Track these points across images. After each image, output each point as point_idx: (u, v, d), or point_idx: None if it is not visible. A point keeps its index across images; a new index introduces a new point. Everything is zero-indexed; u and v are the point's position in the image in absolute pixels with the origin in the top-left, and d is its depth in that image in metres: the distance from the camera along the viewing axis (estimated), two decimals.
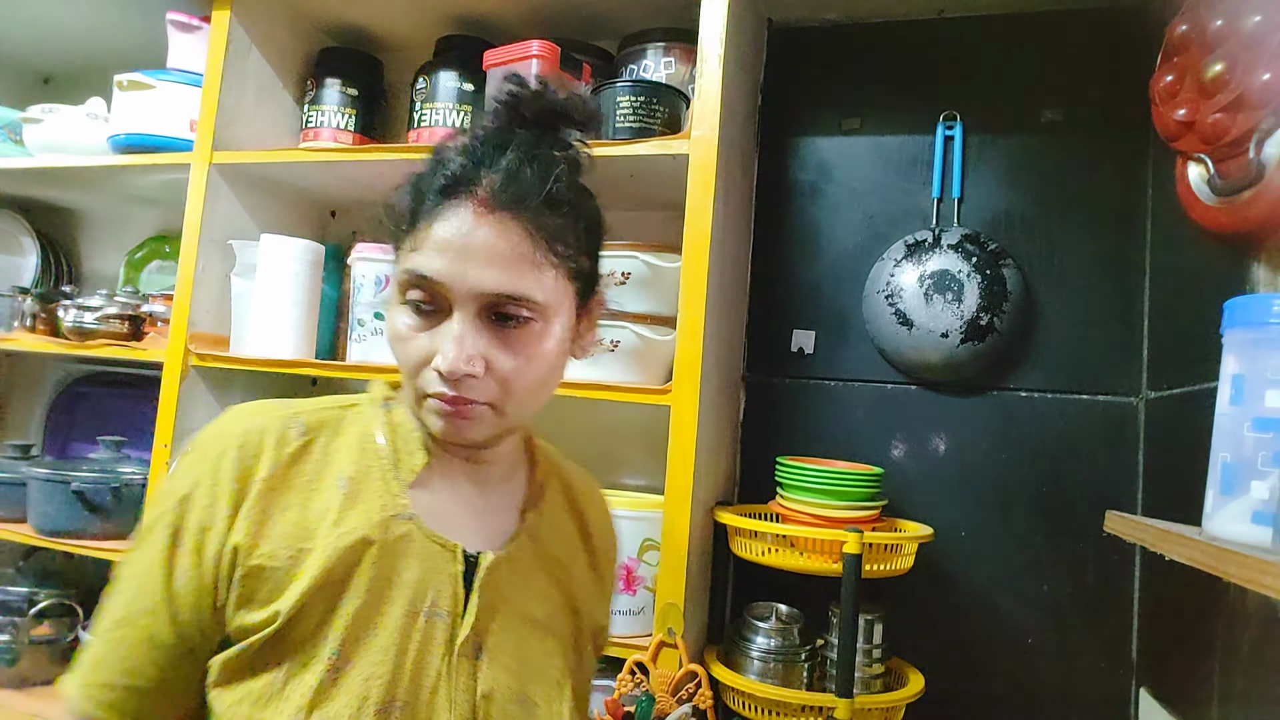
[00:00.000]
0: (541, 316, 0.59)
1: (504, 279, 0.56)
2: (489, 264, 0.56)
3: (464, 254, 0.56)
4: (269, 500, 0.59)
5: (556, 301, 0.59)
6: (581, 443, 1.47)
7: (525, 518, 0.67)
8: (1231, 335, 0.67)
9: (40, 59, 1.97)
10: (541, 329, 0.59)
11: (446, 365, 0.56)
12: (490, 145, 0.59)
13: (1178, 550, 0.67)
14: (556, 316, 0.60)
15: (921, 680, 1.11)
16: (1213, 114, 0.84)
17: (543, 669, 0.63)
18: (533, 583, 0.65)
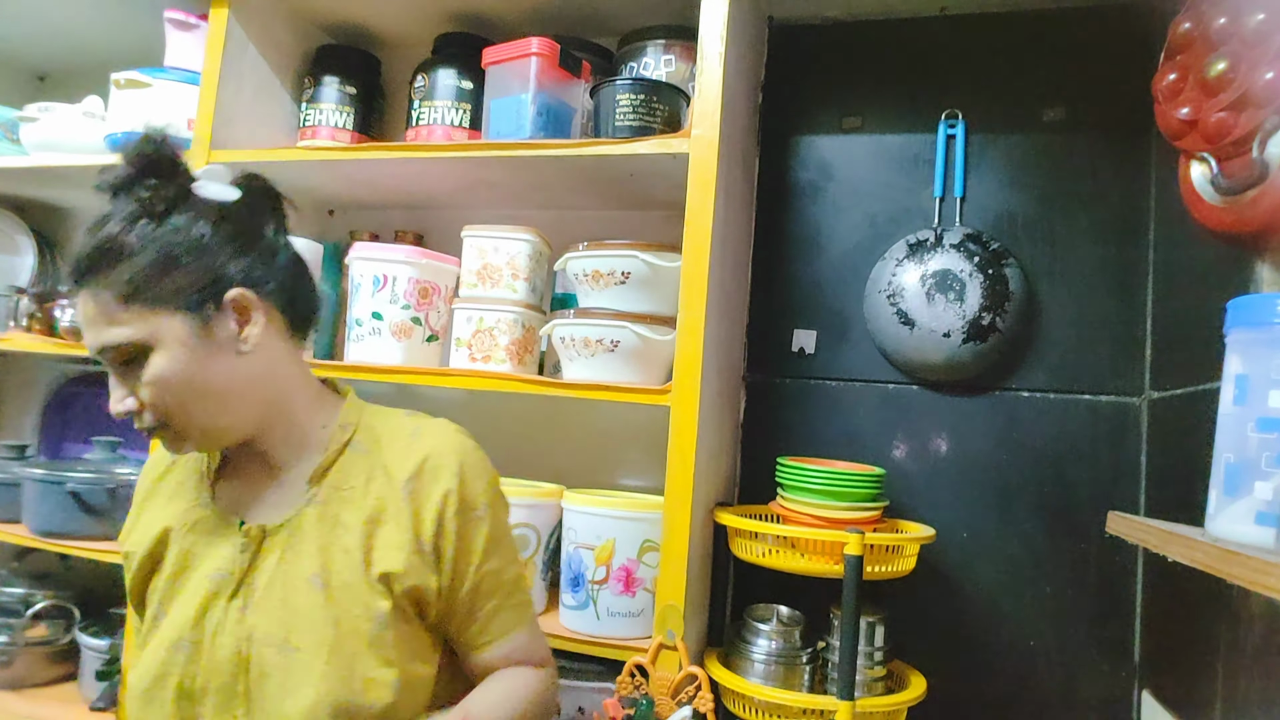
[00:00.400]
0: (145, 351, 0.72)
1: (96, 339, 0.72)
2: (90, 328, 0.72)
3: (84, 329, 0.73)
4: (142, 507, 0.85)
5: (152, 332, 0.71)
6: (581, 443, 1.47)
7: (310, 488, 0.78)
8: (1235, 335, 0.67)
9: (37, 57, 1.96)
10: (156, 357, 0.72)
11: (112, 410, 0.74)
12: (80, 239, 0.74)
13: (1180, 551, 0.67)
14: (163, 344, 0.72)
15: (923, 683, 1.10)
16: (1216, 113, 0.83)
17: (311, 619, 0.73)
18: (311, 543, 0.76)
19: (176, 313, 0.72)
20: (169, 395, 0.72)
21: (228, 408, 0.75)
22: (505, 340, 1.24)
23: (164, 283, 0.71)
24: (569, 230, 1.41)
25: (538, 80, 1.21)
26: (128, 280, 0.71)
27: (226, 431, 0.76)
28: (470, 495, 0.79)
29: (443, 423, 0.85)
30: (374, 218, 1.67)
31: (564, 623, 1.16)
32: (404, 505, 0.77)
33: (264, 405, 0.77)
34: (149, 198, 0.73)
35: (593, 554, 1.13)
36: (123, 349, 0.71)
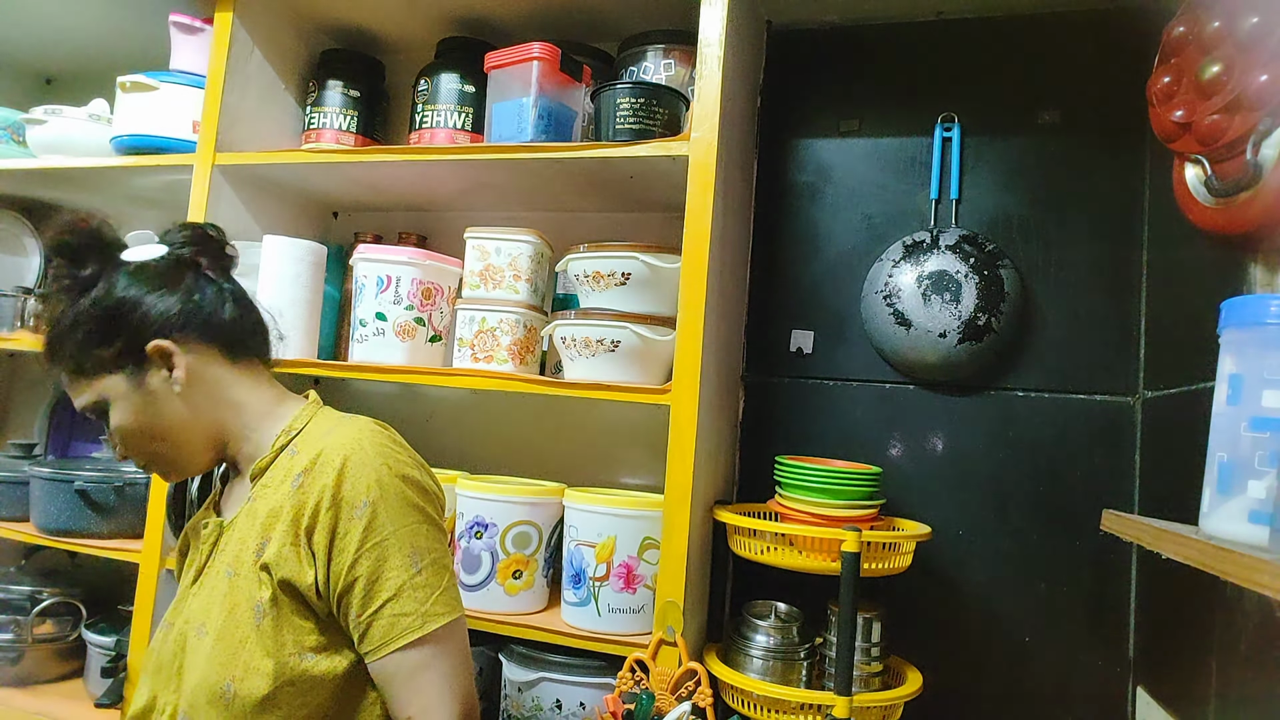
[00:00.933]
0: (102, 408, 0.83)
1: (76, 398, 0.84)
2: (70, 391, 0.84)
3: None
4: None
5: (101, 392, 0.82)
6: (582, 442, 1.48)
7: (253, 486, 0.84)
8: (1228, 335, 0.68)
9: (43, 60, 1.97)
10: (111, 414, 0.83)
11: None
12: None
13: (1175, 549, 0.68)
14: (116, 400, 0.82)
15: (920, 678, 1.11)
16: (1210, 115, 0.84)
17: (220, 605, 0.79)
18: (240, 537, 0.82)
19: (112, 374, 0.82)
20: (132, 441, 0.83)
21: (184, 440, 0.84)
22: (507, 340, 1.25)
23: (93, 353, 0.81)
24: (570, 232, 1.42)
25: (539, 84, 1.23)
26: (70, 357, 0.82)
27: (193, 459, 0.86)
28: (349, 491, 0.76)
29: (358, 421, 0.84)
30: (377, 219, 1.68)
31: (565, 619, 1.17)
32: (290, 499, 0.78)
33: (219, 427, 0.85)
34: (69, 283, 0.83)
35: (594, 551, 1.14)
36: (91, 409, 0.83)
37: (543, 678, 1.15)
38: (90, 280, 0.83)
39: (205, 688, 0.75)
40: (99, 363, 0.81)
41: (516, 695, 1.17)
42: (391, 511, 0.77)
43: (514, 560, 1.19)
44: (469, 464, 1.44)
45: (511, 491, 1.21)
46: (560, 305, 1.43)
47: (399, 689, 0.76)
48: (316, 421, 0.86)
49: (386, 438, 0.82)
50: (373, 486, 0.77)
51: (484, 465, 1.45)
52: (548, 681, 1.15)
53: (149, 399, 0.82)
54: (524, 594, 1.20)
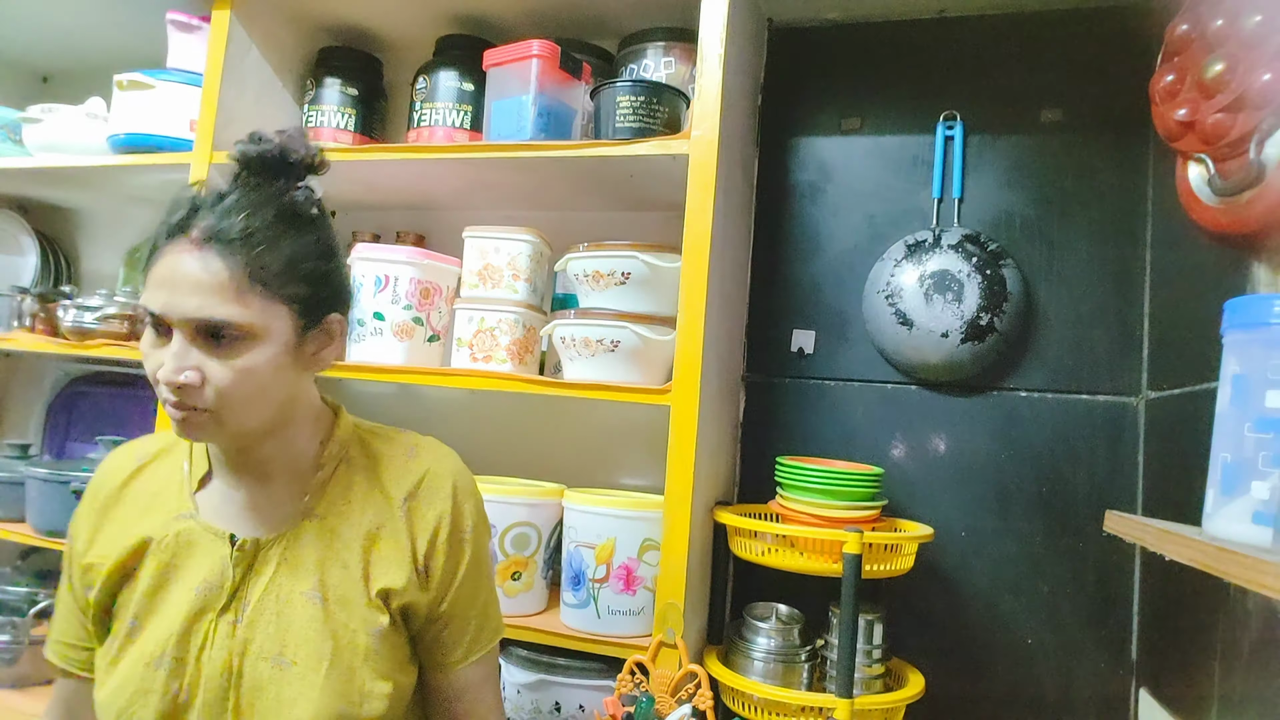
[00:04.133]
0: (249, 336, 0.69)
1: (205, 305, 0.68)
2: (193, 293, 0.68)
3: (174, 285, 0.69)
4: (104, 516, 0.80)
5: (264, 323, 0.70)
6: (582, 442, 1.47)
7: (306, 501, 0.78)
8: (1232, 335, 0.67)
9: (39, 58, 1.97)
10: (249, 346, 0.70)
11: (165, 376, 0.68)
12: (212, 194, 0.73)
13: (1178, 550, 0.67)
14: (266, 336, 0.70)
15: (921, 681, 1.11)
16: (1213, 114, 0.84)
17: (305, 634, 0.73)
18: (307, 557, 0.75)
19: (293, 315, 0.72)
20: (246, 388, 0.70)
21: (271, 412, 0.74)
22: (506, 340, 1.24)
23: (298, 284, 0.72)
24: (569, 231, 1.41)
25: (538, 82, 1.22)
26: (271, 266, 0.70)
27: (254, 433, 0.75)
28: (461, 517, 0.81)
29: (435, 442, 0.86)
30: (375, 218, 1.67)
31: (565, 621, 1.16)
32: (401, 523, 0.78)
33: (286, 418, 0.77)
34: (303, 201, 0.75)
35: (593, 553, 1.13)
36: (226, 326, 0.68)
37: (542, 680, 1.14)
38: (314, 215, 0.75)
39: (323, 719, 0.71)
40: (289, 294, 0.71)
41: (516, 697, 1.16)
42: (485, 535, 0.84)
43: (513, 562, 1.18)
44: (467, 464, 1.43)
45: (510, 492, 1.20)
46: (559, 305, 1.42)
47: (472, 694, 0.82)
48: (374, 436, 0.83)
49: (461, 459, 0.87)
50: (475, 511, 0.83)
51: (482, 466, 1.44)
52: (547, 684, 1.14)
53: (293, 358, 0.73)
54: (523, 596, 1.19)
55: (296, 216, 0.74)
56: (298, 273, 0.72)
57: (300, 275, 0.72)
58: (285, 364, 0.72)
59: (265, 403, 0.72)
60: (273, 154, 0.74)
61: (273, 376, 0.71)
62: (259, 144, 0.74)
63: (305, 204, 0.75)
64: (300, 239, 0.73)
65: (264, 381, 0.71)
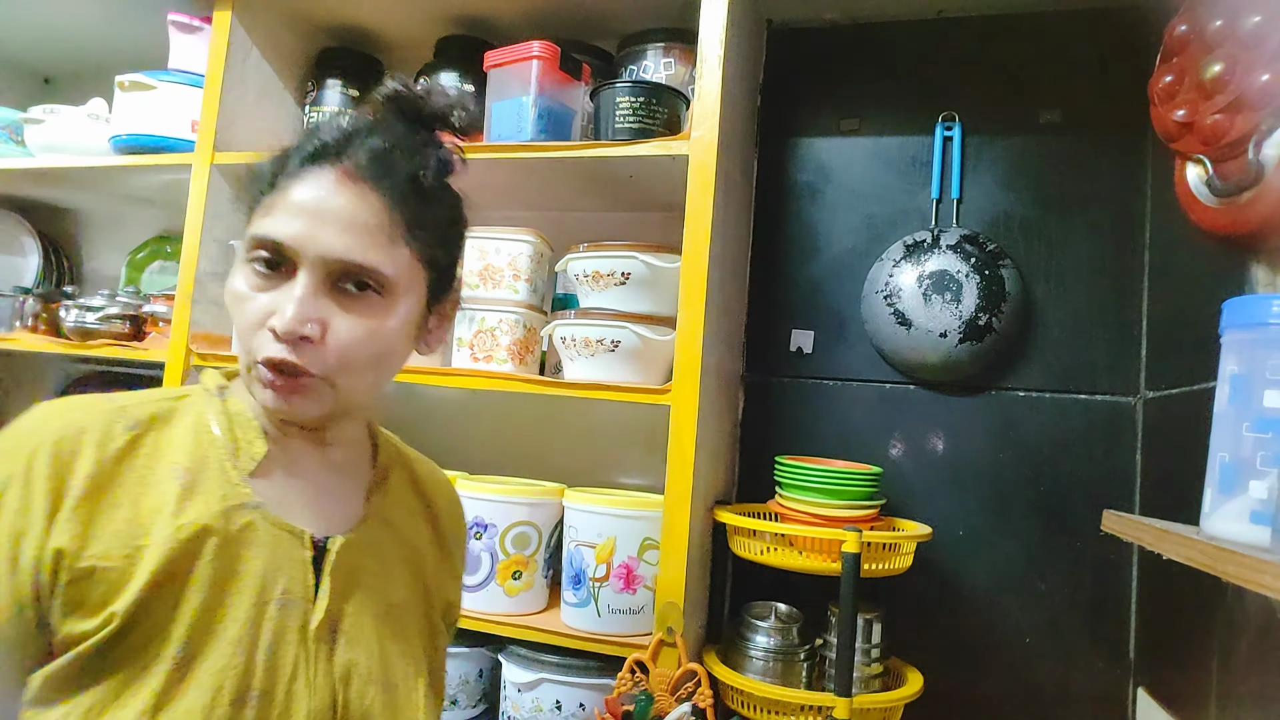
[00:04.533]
0: (388, 292, 0.60)
1: (355, 246, 0.57)
2: (343, 230, 0.57)
3: (318, 217, 0.57)
4: (96, 499, 0.55)
5: (406, 282, 0.61)
6: (582, 442, 1.47)
7: (371, 501, 0.68)
8: (1230, 335, 0.68)
9: (41, 60, 1.97)
10: (386, 305, 0.60)
11: (284, 325, 0.56)
12: (365, 125, 0.63)
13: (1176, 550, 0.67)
14: (404, 297, 0.61)
15: (920, 679, 1.11)
16: (1212, 115, 0.84)
17: (401, 650, 0.64)
18: (387, 565, 0.66)
19: (427, 279, 0.64)
20: (370, 350, 0.59)
21: (377, 389, 0.65)
22: (507, 340, 1.25)
23: (439, 246, 0.64)
24: (570, 231, 1.41)
25: (538, 83, 1.22)
26: (422, 219, 0.61)
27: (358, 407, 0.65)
28: (465, 525, 0.82)
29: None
30: None
31: (565, 620, 1.17)
32: (446, 538, 0.76)
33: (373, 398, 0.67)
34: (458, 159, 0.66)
35: (593, 552, 1.14)
36: (375, 275, 0.58)
37: (542, 678, 1.15)
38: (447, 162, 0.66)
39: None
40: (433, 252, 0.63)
41: (516, 696, 1.16)
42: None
43: (513, 561, 1.18)
44: (468, 464, 1.44)
45: (511, 492, 1.20)
46: (560, 305, 1.43)
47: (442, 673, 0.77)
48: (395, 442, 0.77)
49: None
50: (465, 523, 0.82)
51: (483, 466, 1.45)
52: (547, 682, 1.14)
53: (413, 329, 0.64)
54: (524, 595, 1.19)
55: (447, 173, 0.66)
56: (444, 236, 0.64)
57: (444, 239, 0.64)
58: (409, 335, 0.63)
59: (382, 375, 0.63)
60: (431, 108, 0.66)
61: (398, 345, 0.62)
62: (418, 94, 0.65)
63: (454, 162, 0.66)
64: (448, 199, 0.65)
65: (390, 349, 0.61)
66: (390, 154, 0.60)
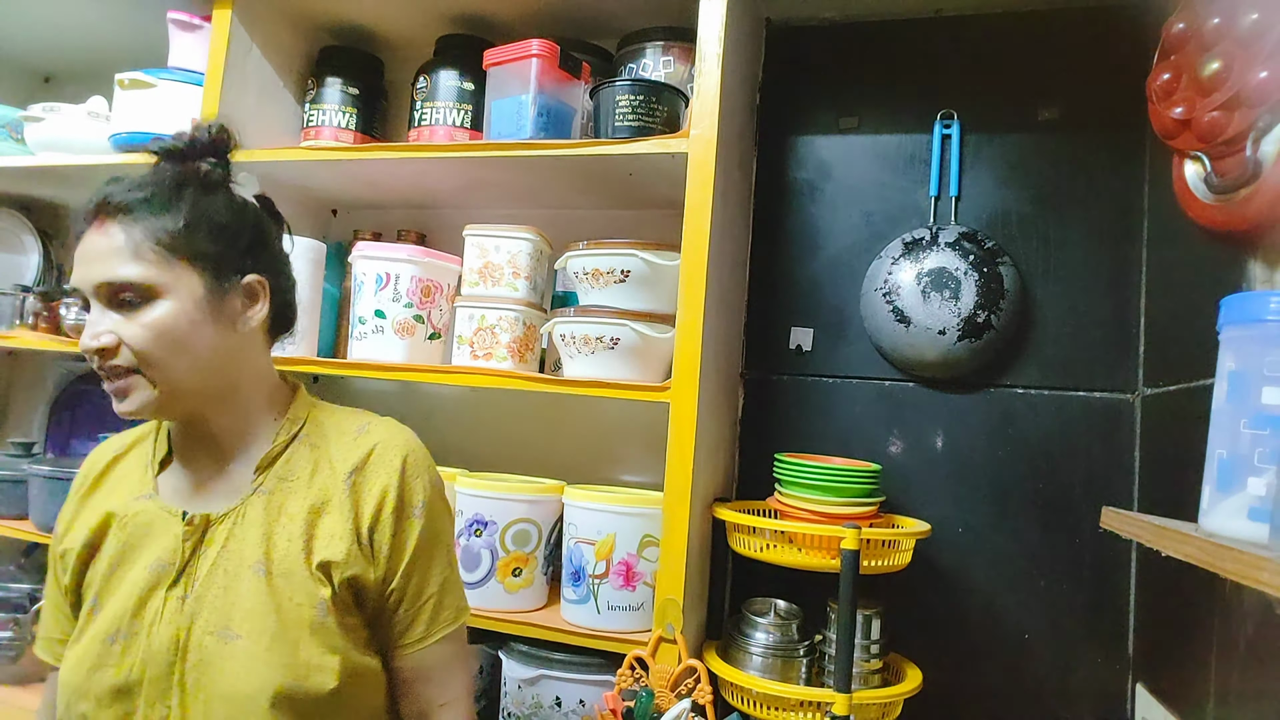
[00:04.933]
0: (155, 294, 0.74)
1: (104, 270, 0.73)
2: (96, 261, 0.74)
3: (85, 258, 0.74)
4: (82, 504, 0.84)
5: (168, 282, 0.74)
6: (582, 439, 1.47)
7: (258, 477, 0.79)
8: (1228, 332, 0.68)
9: (41, 58, 1.97)
10: (157, 304, 0.74)
11: (83, 342, 0.74)
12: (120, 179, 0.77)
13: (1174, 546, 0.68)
14: (172, 293, 0.74)
15: (919, 675, 1.11)
16: (1209, 112, 0.84)
17: (252, 606, 0.74)
18: (254, 532, 0.77)
19: (200, 273, 0.76)
20: (160, 343, 0.74)
21: (201, 372, 0.76)
22: (506, 338, 1.25)
23: (199, 243, 0.76)
24: (569, 229, 1.42)
25: (538, 81, 1.22)
26: (167, 228, 0.74)
27: (188, 396, 0.77)
28: (409, 492, 0.81)
29: (391, 421, 0.87)
30: (376, 217, 1.68)
31: (565, 616, 1.17)
32: (345, 497, 0.78)
33: (229, 385, 0.79)
34: (205, 171, 0.80)
35: (593, 549, 1.14)
36: (130, 286, 0.73)
37: (542, 675, 1.15)
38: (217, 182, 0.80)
39: (267, 691, 0.71)
40: (195, 253, 0.75)
41: (516, 692, 1.17)
42: (439, 512, 0.83)
43: (513, 558, 1.19)
44: (468, 462, 1.44)
45: (511, 489, 1.21)
46: (559, 303, 1.43)
47: (437, 677, 0.81)
48: (328, 414, 0.85)
49: (418, 439, 0.86)
50: (428, 487, 0.82)
51: (483, 463, 1.45)
52: (547, 679, 1.15)
53: (211, 316, 0.76)
54: (523, 591, 1.20)
55: (199, 182, 0.79)
56: (200, 231, 0.76)
57: (204, 234, 0.76)
58: (201, 320, 0.75)
59: (188, 358, 0.75)
60: (178, 143, 0.80)
61: (188, 331, 0.74)
62: (171, 139, 0.81)
63: (211, 172, 0.80)
64: (202, 201, 0.77)
65: (179, 336, 0.74)
66: (127, 191, 0.75)
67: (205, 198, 0.78)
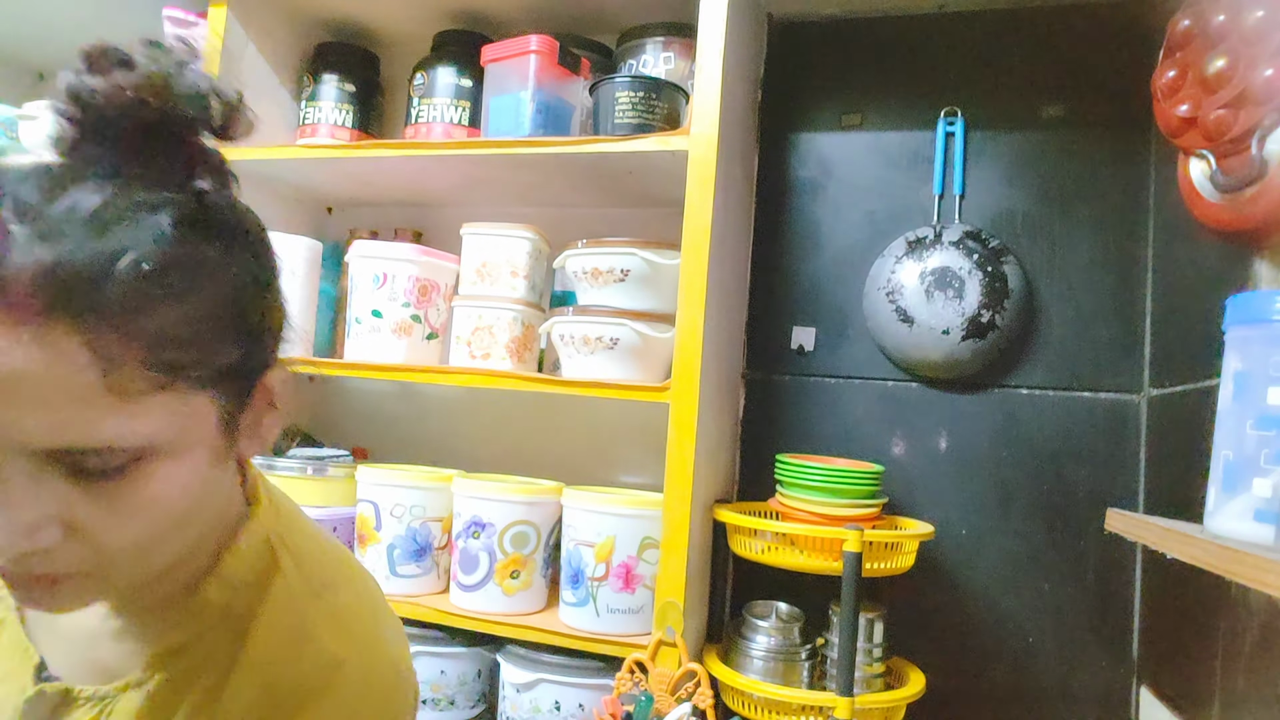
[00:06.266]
0: (147, 456, 0.40)
1: (57, 426, 0.37)
2: (34, 405, 0.37)
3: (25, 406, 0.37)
4: None
5: (174, 431, 0.41)
6: (581, 440, 1.47)
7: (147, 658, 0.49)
8: (1234, 332, 0.67)
9: (36, 55, 1.96)
10: (151, 470, 0.40)
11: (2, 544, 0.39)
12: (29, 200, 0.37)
13: (1179, 549, 0.67)
14: (179, 450, 0.42)
15: (922, 679, 1.10)
16: (1215, 110, 0.83)
17: None
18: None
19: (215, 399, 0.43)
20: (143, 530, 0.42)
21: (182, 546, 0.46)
22: (505, 338, 1.24)
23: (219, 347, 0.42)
24: (568, 228, 1.41)
25: (537, 78, 1.21)
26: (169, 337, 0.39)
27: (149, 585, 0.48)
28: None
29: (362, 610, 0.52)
30: (373, 215, 1.67)
31: (564, 619, 1.16)
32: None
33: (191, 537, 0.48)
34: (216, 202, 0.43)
35: (592, 551, 1.13)
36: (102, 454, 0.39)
37: (541, 679, 1.14)
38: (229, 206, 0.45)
39: None
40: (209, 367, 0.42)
41: (515, 696, 1.16)
42: None
43: (512, 560, 1.18)
44: (466, 463, 1.43)
45: (509, 491, 1.20)
46: (558, 302, 1.42)
47: None
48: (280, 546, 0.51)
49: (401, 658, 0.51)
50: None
51: (481, 464, 1.44)
52: (546, 682, 1.14)
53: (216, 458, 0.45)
54: (522, 594, 1.19)
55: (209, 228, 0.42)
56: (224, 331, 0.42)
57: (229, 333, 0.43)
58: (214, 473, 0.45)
59: (177, 540, 0.45)
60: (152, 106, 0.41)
61: (192, 502, 0.44)
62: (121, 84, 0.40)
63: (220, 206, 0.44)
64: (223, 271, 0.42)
65: (176, 513, 0.43)
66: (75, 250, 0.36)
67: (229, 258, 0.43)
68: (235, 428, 0.46)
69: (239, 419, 0.46)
